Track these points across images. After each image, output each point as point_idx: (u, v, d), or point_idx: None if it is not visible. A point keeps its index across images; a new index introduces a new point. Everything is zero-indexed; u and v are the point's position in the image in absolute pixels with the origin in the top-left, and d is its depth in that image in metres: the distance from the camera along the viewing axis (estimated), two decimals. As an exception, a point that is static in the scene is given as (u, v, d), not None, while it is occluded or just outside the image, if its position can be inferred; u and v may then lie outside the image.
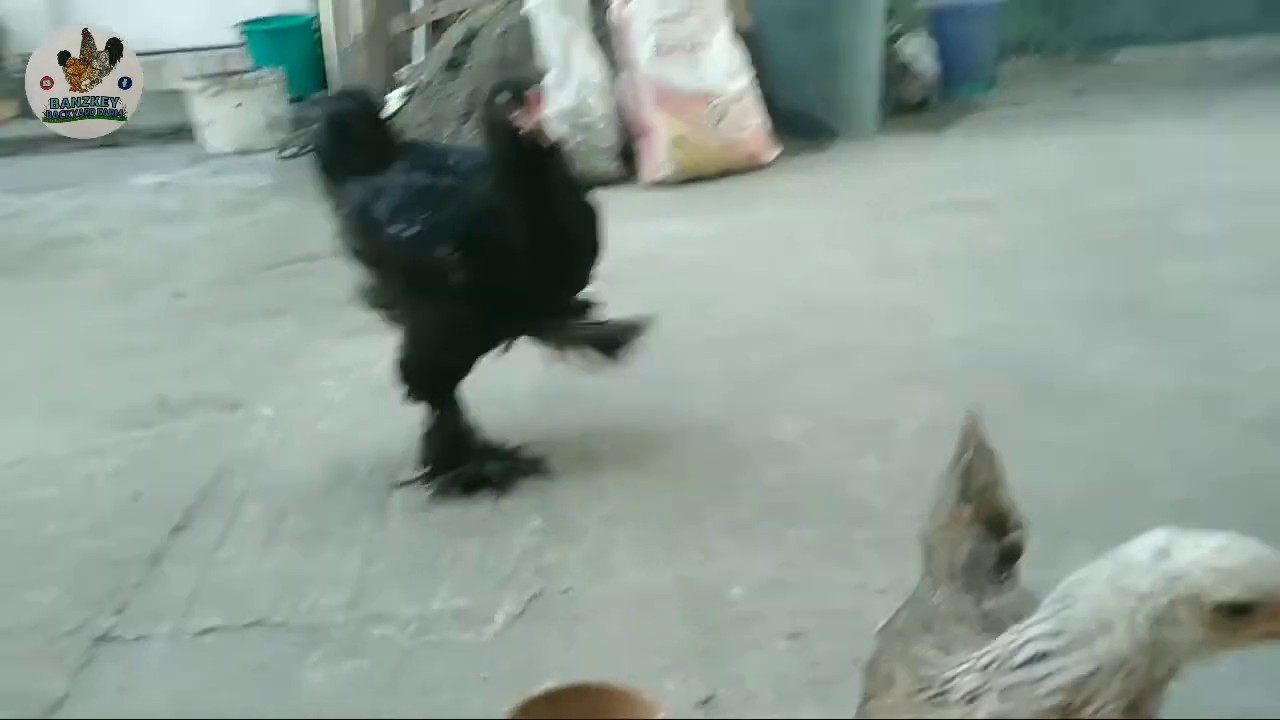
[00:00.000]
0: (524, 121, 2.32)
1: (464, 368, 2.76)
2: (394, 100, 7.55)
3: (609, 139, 6.05)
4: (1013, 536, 1.37)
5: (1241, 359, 3.22)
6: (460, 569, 2.46)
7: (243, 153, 8.25)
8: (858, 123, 6.92)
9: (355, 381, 3.60)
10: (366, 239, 2.69)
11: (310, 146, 2.77)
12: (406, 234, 2.53)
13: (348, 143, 2.75)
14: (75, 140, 9.00)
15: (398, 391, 2.80)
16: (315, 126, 2.94)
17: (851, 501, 2.62)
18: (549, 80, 2.50)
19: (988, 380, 3.14)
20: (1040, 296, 3.91)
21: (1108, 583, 0.96)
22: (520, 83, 2.38)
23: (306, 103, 8.22)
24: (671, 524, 2.55)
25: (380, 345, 3.88)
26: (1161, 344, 3.40)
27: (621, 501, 2.69)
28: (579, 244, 2.55)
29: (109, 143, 9.11)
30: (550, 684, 1.93)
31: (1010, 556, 1.37)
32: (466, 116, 6.95)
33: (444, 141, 2.95)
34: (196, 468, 3.03)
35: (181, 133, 9.12)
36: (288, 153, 7.97)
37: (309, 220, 6.10)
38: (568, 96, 5.96)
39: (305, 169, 7.49)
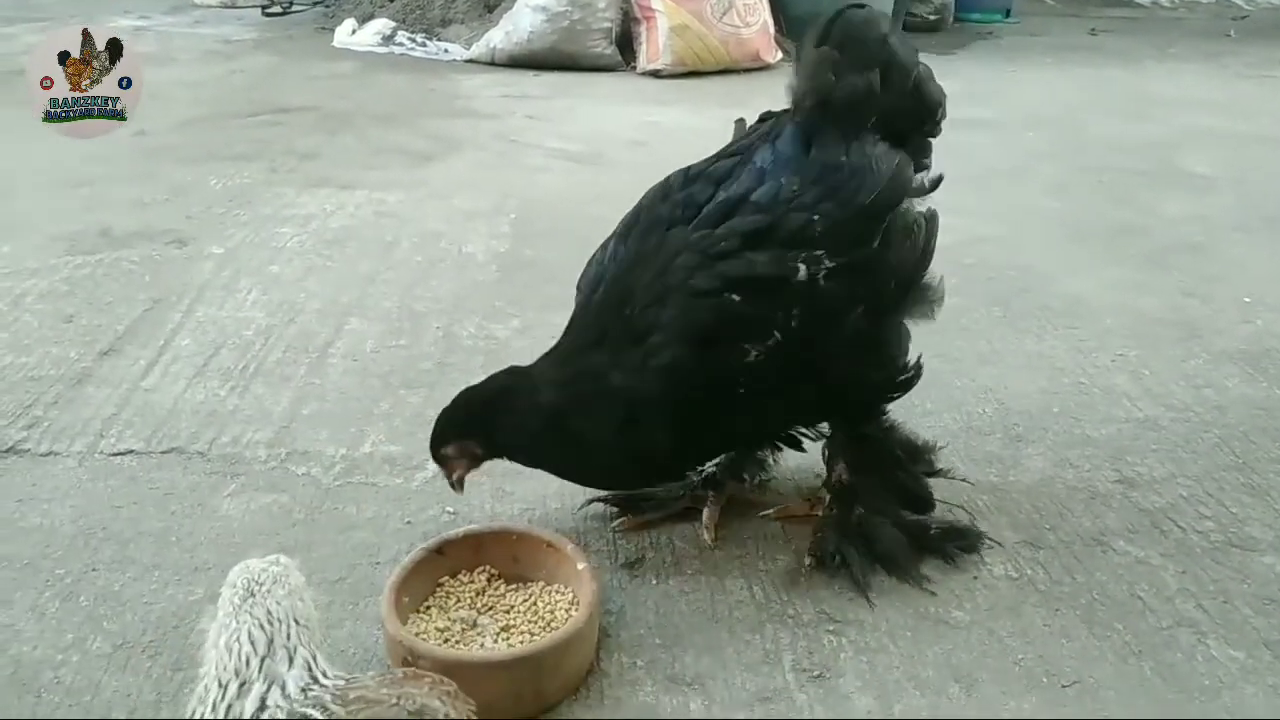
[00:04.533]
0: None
1: None
2: (389, -37, 7.23)
3: (608, 20, 5.81)
4: None
5: (1226, 291, 3.13)
6: (397, 418, 2.36)
7: (228, 6, 7.95)
8: (866, 34, 6.69)
9: (314, 231, 3.46)
10: None
11: None
12: None
13: None
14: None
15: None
16: None
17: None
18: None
19: (965, 287, 3.04)
20: (1033, 214, 3.80)
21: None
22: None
23: None
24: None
25: (344, 199, 3.76)
26: (1148, 270, 3.30)
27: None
28: None
29: (91, -16, 8.76)
30: (473, 526, 1.85)
31: None
32: (461, -14, 6.68)
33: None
34: (134, 298, 2.90)
35: (167, -21, 8.75)
36: (273, 10, 7.67)
37: (289, 75, 5.90)
38: (569, -29, 5.71)
39: (290, 27, 7.28)
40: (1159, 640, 1.73)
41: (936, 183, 1.93)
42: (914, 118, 1.90)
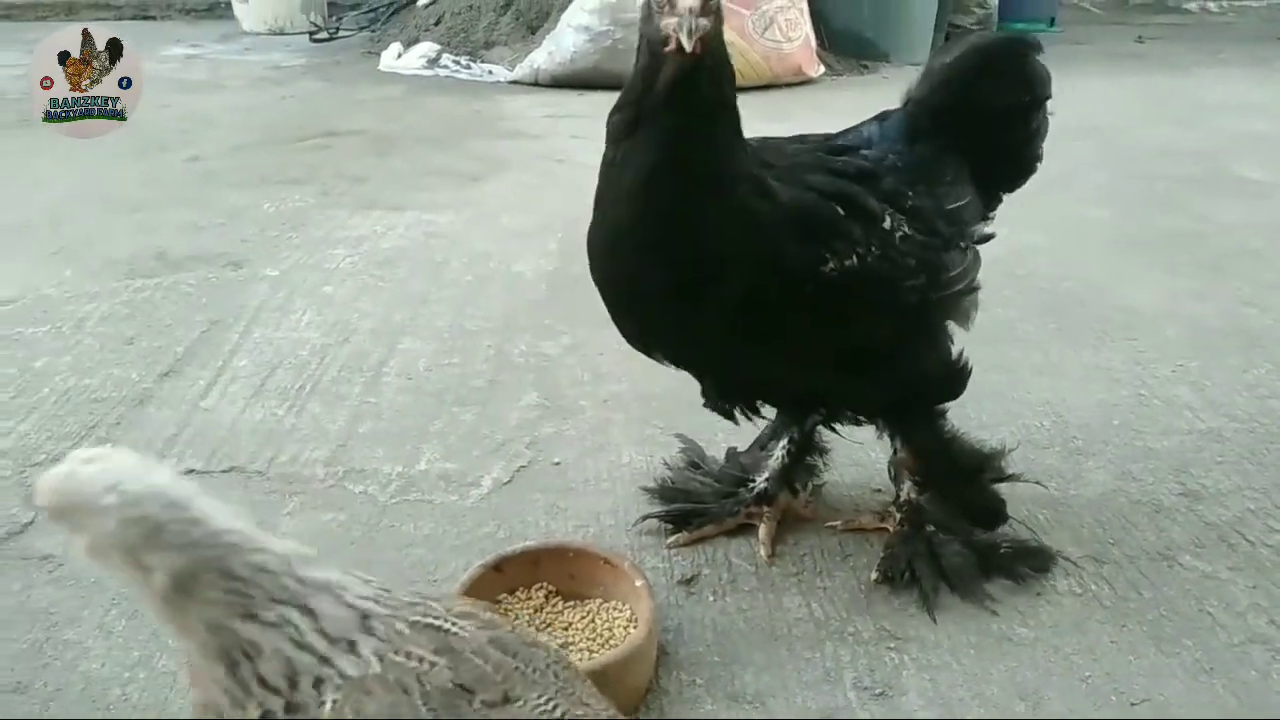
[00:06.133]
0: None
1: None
2: (433, -13, 7.34)
3: (649, 39, 5.84)
4: None
5: (1288, 300, 3.07)
6: (451, 435, 2.38)
7: (276, 33, 8.11)
8: (910, 46, 6.67)
9: (366, 252, 3.50)
10: None
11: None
12: None
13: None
14: (111, 8, 8.87)
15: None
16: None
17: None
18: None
19: (1018, 298, 3.01)
20: (1085, 224, 3.76)
21: None
22: None
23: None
24: (671, 410, 2.44)
25: (394, 220, 3.81)
26: (1205, 279, 3.24)
27: (622, 386, 2.59)
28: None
29: (143, 15, 9.01)
30: (530, 542, 1.86)
31: None
32: (505, 7, 6.76)
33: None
34: (192, 320, 2.95)
35: (216, 9, 8.98)
36: (320, 36, 7.81)
37: (337, 100, 6.00)
38: (611, -9, 5.75)
39: (337, 52, 7.40)
40: (1231, 657, 1.69)
41: (986, 238, 1.96)
42: (1009, 161, 1.98)
